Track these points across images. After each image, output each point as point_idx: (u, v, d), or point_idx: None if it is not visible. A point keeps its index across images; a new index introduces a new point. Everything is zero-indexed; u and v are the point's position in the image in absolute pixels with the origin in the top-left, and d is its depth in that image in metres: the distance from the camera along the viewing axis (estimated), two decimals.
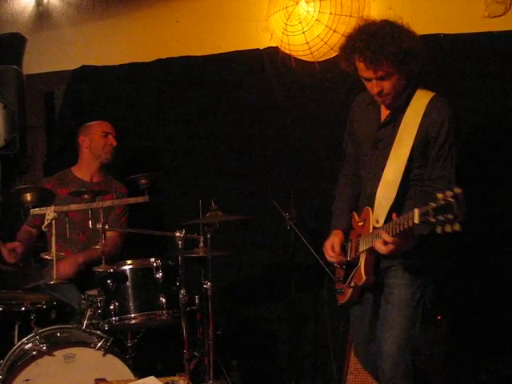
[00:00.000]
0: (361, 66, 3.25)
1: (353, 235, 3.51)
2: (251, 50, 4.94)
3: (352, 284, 3.43)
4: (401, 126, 3.32)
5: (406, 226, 2.93)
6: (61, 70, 5.39)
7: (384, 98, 3.31)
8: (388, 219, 3.20)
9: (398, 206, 3.25)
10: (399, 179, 3.26)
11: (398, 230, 3.01)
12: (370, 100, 3.45)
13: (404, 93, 3.33)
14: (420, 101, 3.31)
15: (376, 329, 3.45)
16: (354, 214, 3.54)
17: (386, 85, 3.25)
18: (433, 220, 2.68)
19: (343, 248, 3.52)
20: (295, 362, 4.69)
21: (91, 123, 4.74)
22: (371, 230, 3.30)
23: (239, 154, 5.01)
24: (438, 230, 2.68)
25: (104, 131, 4.66)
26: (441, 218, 2.66)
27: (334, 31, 4.54)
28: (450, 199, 2.64)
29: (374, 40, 3.17)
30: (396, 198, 3.25)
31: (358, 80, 3.42)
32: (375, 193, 3.34)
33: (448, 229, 2.65)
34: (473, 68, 4.53)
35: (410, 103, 3.33)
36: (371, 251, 3.30)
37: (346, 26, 4.51)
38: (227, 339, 4.29)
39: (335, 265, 3.61)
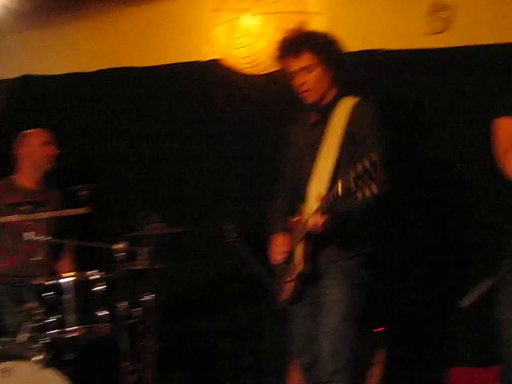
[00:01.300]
0: (286, 61, 3.56)
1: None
2: (194, 62, 4.92)
3: (292, 277, 3.58)
4: (328, 126, 3.55)
5: (331, 200, 3.15)
6: (1, 78, 5.32)
7: (307, 92, 3.55)
8: None
9: None
10: (328, 176, 3.46)
11: (326, 206, 3.21)
12: (303, 114, 3.73)
13: (329, 94, 3.58)
14: (347, 103, 3.57)
15: (314, 329, 3.57)
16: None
17: (308, 78, 3.52)
18: (353, 186, 2.89)
19: None
20: (237, 374, 4.69)
21: (28, 132, 4.63)
22: (305, 223, 3.48)
23: (180, 165, 5.00)
24: (359, 195, 2.89)
25: (43, 141, 4.59)
26: (360, 183, 2.87)
27: None
28: (368, 166, 2.85)
29: (296, 34, 3.56)
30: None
31: None
32: (307, 190, 3.55)
33: (367, 192, 2.86)
34: (414, 83, 4.61)
35: (337, 106, 3.57)
36: (307, 241, 3.48)
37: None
38: (168, 352, 4.27)
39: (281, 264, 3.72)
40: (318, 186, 3.49)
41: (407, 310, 4.51)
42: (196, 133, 4.97)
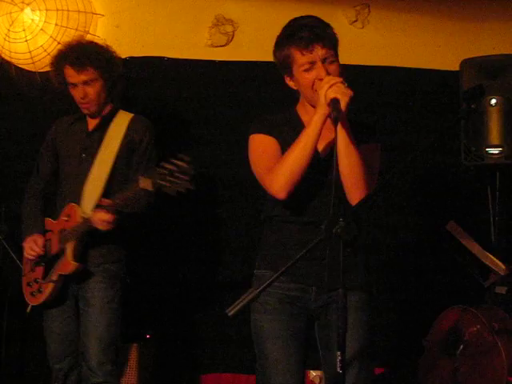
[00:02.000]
0: (69, 71, 3.66)
1: (51, 235, 3.69)
2: None
3: (54, 277, 3.59)
4: (107, 135, 3.71)
5: (129, 198, 3.33)
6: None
7: (88, 105, 3.70)
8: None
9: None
10: (105, 177, 3.61)
11: (120, 204, 3.37)
12: (73, 119, 3.83)
13: (107, 105, 3.76)
14: (124, 116, 3.79)
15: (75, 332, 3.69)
16: (49, 219, 3.75)
17: (90, 90, 3.67)
18: (164, 183, 3.01)
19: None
20: None
21: None
22: (80, 221, 3.55)
23: None
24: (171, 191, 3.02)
25: None
26: (173, 179, 3.01)
27: (59, 43, 4.42)
28: (183, 164, 3.01)
29: (80, 47, 3.69)
30: (102, 194, 3.58)
31: None
32: (81, 191, 3.61)
33: (182, 188, 3.01)
34: (196, 93, 4.71)
35: (115, 117, 3.77)
36: (79, 240, 3.55)
37: (71, 38, 4.45)
38: None
39: (32, 265, 3.75)
40: (93, 186, 3.60)
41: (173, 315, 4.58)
42: None
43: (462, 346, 3.94)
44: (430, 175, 4.71)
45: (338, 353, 2.36)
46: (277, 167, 2.82)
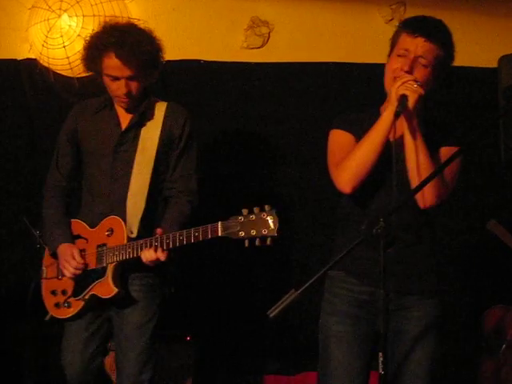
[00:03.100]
0: (112, 63, 3.25)
1: (85, 245, 3.41)
2: (8, 59, 4.71)
3: (87, 296, 3.31)
4: (142, 132, 3.39)
5: (200, 238, 2.99)
6: None
7: (129, 100, 3.35)
8: (141, 229, 3.28)
9: (148, 214, 3.35)
10: (147, 186, 3.33)
11: (175, 244, 3.07)
12: (97, 106, 3.50)
13: (143, 98, 3.41)
14: (159, 108, 3.43)
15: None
16: (78, 221, 3.47)
17: (135, 86, 3.32)
18: (243, 234, 2.86)
19: None
20: None
21: None
22: (125, 241, 3.25)
23: None
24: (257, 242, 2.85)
25: None
26: (253, 232, 2.83)
27: None
28: (264, 216, 2.83)
29: (130, 36, 3.24)
30: (145, 208, 3.33)
31: None
32: (122, 201, 3.34)
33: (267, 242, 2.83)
34: (232, 95, 4.71)
35: (150, 110, 3.42)
36: (120, 263, 3.26)
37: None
38: None
39: (59, 272, 3.44)
40: (136, 200, 3.34)
41: (217, 320, 4.58)
42: (11, 133, 4.75)
43: (504, 346, 3.90)
44: (469, 173, 4.65)
45: (380, 354, 2.36)
46: (344, 162, 2.84)
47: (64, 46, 4.49)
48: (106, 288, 3.28)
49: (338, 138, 2.97)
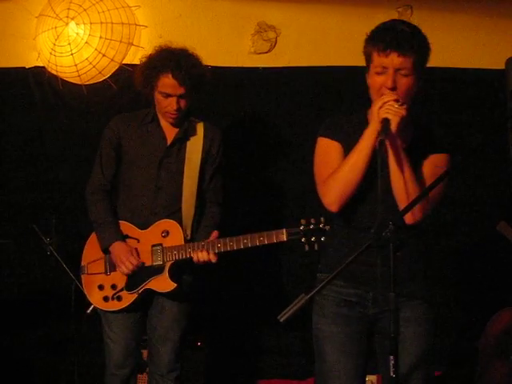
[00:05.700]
0: (168, 81, 3.61)
1: (137, 245, 3.71)
2: (17, 67, 4.73)
3: (142, 290, 3.63)
4: (188, 146, 3.77)
5: (257, 243, 3.50)
6: None
7: (177, 115, 3.70)
8: (194, 231, 3.75)
9: (197, 218, 3.80)
10: (195, 194, 3.76)
11: (226, 248, 3.55)
12: (141, 121, 3.80)
13: (186, 116, 3.78)
14: (198, 125, 3.84)
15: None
16: (126, 223, 3.74)
17: (184, 104, 3.69)
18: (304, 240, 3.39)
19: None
20: None
21: None
22: (183, 242, 3.64)
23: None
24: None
25: None
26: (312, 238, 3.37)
27: (104, 55, 4.52)
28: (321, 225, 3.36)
29: (186, 60, 3.65)
30: (195, 213, 3.76)
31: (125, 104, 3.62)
32: (172, 207, 3.72)
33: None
34: (240, 101, 4.74)
35: (192, 127, 3.81)
36: (176, 261, 3.62)
37: (116, 50, 4.54)
38: None
39: (107, 267, 3.74)
40: (188, 205, 3.75)
41: (228, 326, 4.59)
42: (19, 139, 4.77)
43: None
44: (479, 175, 4.65)
45: (391, 357, 2.36)
46: (329, 181, 2.83)
47: (72, 54, 4.52)
48: (163, 283, 3.64)
49: (326, 149, 2.95)
